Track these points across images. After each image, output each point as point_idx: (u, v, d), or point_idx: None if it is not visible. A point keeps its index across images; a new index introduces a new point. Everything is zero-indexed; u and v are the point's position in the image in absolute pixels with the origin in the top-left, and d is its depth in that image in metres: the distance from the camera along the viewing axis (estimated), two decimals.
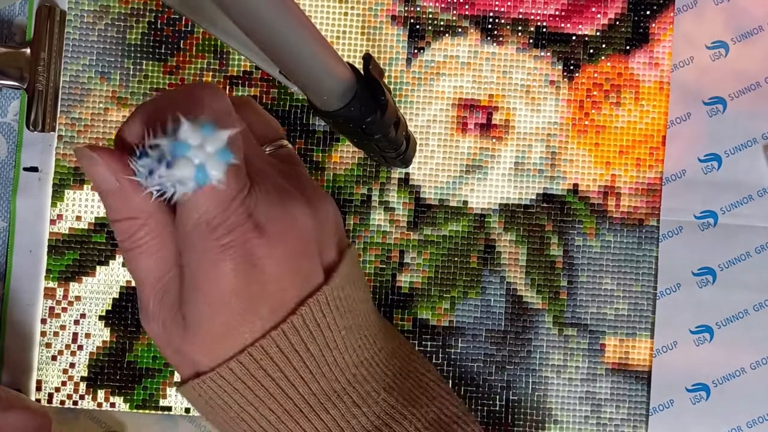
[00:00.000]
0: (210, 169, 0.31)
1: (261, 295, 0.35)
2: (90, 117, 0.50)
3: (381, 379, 0.39)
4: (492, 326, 0.49)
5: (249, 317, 0.35)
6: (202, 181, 0.31)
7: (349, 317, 0.38)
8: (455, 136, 0.50)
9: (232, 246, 0.34)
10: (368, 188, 0.50)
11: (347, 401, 0.38)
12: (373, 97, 0.39)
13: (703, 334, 0.49)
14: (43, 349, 0.49)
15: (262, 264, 0.35)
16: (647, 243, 0.49)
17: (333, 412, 0.37)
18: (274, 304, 0.36)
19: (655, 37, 0.50)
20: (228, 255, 0.34)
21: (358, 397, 0.38)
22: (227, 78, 0.50)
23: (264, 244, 0.34)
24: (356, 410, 0.38)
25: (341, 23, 0.50)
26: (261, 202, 0.35)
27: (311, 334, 0.36)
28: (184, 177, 0.30)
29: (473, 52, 0.50)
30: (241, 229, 0.34)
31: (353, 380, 0.38)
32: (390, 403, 0.38)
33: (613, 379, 0.49)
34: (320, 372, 0.37)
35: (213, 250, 0.34)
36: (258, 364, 0.36)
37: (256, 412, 0.37)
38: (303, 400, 0.37)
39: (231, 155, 0.31)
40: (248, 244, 0.34)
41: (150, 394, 0.49)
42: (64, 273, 0.49)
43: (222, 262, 0.34)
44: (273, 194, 0.36)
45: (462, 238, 0.49)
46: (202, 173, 0.31)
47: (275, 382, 0.36)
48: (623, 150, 0.50)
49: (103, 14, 0.50)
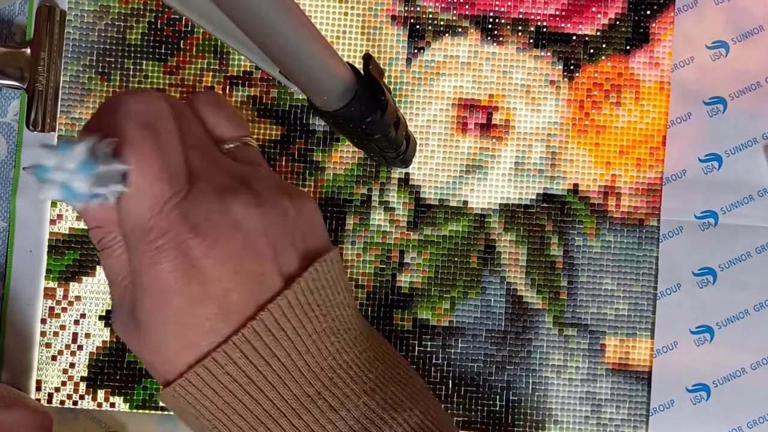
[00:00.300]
0: (76, 184, 0.32)
1: (203, 295, 0.35)
2: (90, 117, 0.49)
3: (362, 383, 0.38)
4: (492, 326, 0.49)
5: (195, 318, 0.35)
6: (72, 198, 0.32)
7: (323, 321, 0.38)
8: (455, 136, 0.50)
9: (166, 248, 0.35)
10: (368, 188, 0.50)
11: (322, 405, 0.37)
12: (373, 97, 0.39)
13: (703, 335, 0.49)
14: (42, 349, 0.49)
15: (201, 264, 0.35)
16: (647, 243, 0.49)
17: (306, 417, 0.37)
18: (220, 305, 0.36)
19: (656, 37, 0.50)
20: (163, 257, 0.35)
21: (336, 401, 0.37)
22: (227, 78, 0.50)
23: (200, 245, 0.35)
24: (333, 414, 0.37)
25: (341, 23, 0.50)
26: (199, 204, 0.35)
27: (275, 338, 0.36)
28: (56, 196, 0.32)
29: (473, 52, 0.50)
30: (175, 231, 0.35)
31: (330, 384, 0.37)
32: (371, 407, 0.38)
33: (614, 380, 0.49)
34: (290, 376, 0.37)
35: (149, 252, 0.35)
36: (223, 369, 0.36)
37: (227, 419, 0.37)
38: (272, 405, 0.36)
39: (95, 166, 0.32)
40: (184, 245, 0.35)
41: (150, 394, 0.49)
42: (64, 273, 0.49)
43: (158, 263, 0.35)
44: (213, 195, 0.36)
45: (462, 238, 0.49)
46: (68, 191, 0.32)
47: (242, 387, 0.36)
48: (623, 150, 0.50)
49: (103, 14, 0.50)
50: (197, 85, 0.50)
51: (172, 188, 0.35)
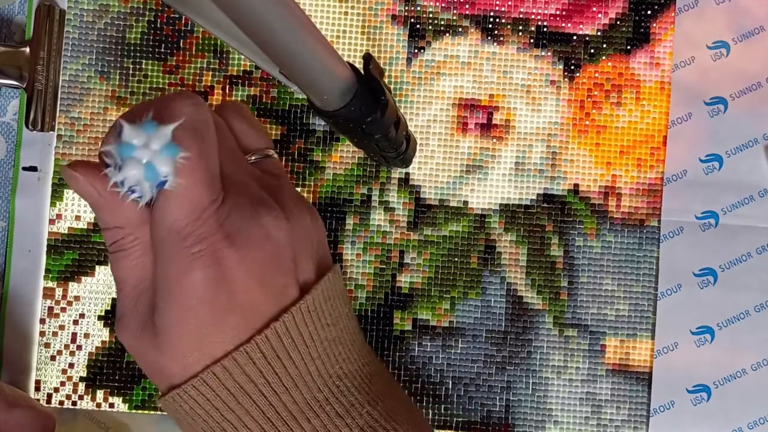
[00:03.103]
0: (159, 166, 0.31)
1: (229, 305, 0.35)
2: (89, 116, 0.49)
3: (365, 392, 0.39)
4: (492, 327, 0.49)
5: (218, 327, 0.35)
6: (152, 179, 0.32)
7: (333, 330, 0.38)
8: (455, 136, 0.50)
9: (202, 255, 0.34)
10: (368, 188, 0.49)
11: (330, 412, 0.37)
12: (373, 96, 0.39)
13: (704, 335, 0.49)
14: (42, 349, 0.49)
15: (232, 274, 0.35)
16: (648, 243, 0.49)
17: (315, 422, 0.37)
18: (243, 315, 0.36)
19: (656, 37, 0.50)
20: (198, 264, 0.34)
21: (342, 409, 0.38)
22: (227, 77, 0.50)
23: (233, 255, 0.35)
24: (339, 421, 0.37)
25: (341, 23, 0.50)
26: (234, 213, 0.35)
27: (293, 341, 0.36)
28: (135, 177, 0.31)
29: (474, 52, 0.50)
30: (211, 239, 0.34)
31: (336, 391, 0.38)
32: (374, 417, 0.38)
33: (614, 380, 0.49)
34: (303, 381, 0.37)
35: (183, 258, 0.34)
36: (242, 369, 0.36)
37: (237, 420, 0.37)
38: (285, 408, 0.37)
39: (178, 150, 0.32)
40: (218, 253, 0.35)
41: (149, 394, 0.49)
42: (63, 273, 0.49)
43: (192, 270, 0.34)
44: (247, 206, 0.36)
45: (462, 239, 0.49)
46: (150, 171, 0.31)
47: (258, 387, 0.36)
48: (624, 150, 0.50)
49: (102, 13, 0.50)
50: (197, 85, 0.50)
51: (211, 195, 0.34)
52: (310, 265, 0.38)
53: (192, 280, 0.35)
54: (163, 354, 0.36)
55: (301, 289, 0.37)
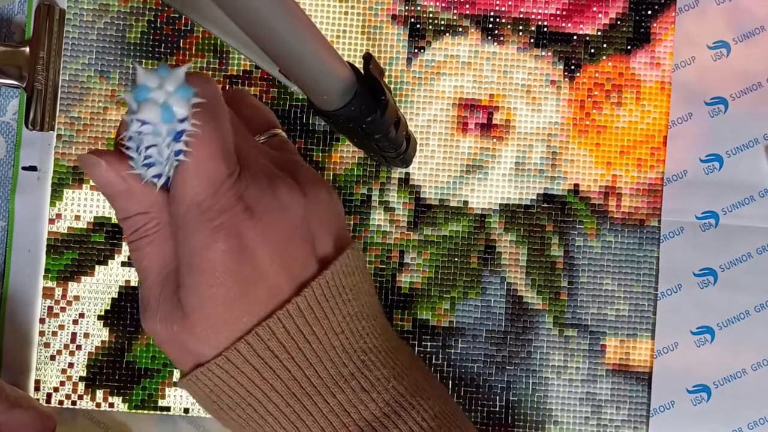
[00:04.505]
0: (175, 107, 0.32)
1: (254, 277, 0.35)
2: (89, 116, 0.49)
3: (390, 367, 0.39)
4: (492, 327, 0.49)
5: (246, 300, 0.36)
6: (168, 120, 0.32)
7: (355, 305, 0.39)
8: (456, 136, 0.50)
9: (224, 227, 0.35)
10: (368, 188, 0.49)
11: (355, 386, 0.38)
12: (374, 96, 0.39)
13: (704, 335, 0.49)
14: (41, 349, 0.49)
15: (254, 245, 0.35)
16: (648, 243, 0.49)
17: (340, 397, 0.37)
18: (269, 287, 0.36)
19: (657, 37, 0.50)
20: (220, 236, 0.35)
21: (367, 383, 0.38)
22: (227, 77, 0.50)
23: (254, 227, 0.35)
24: (364, 396, 0.38)
25: (341, 22, 0.50)
26: (251, 186, 0.35)
27: (315, 317, 0.37)
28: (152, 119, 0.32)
29: (474, 52, 0.50)
30: (232, 211, 0.35)
31: (362, 366, 0.38)
32: (399, 392, 0.38)
33: (614, 380, 0.49)
34: (327, 356, 0.37)
35: (205, 231, 0.35)
36: (265, 345, 0.36)
37: (262, 395, 0.37)
38: (309, 382, 0.37)
39: (192, 91, 0.32)
40: (239, 225, 0.35)
41: (149, 394, 0.49)
42: (62, 272, 0.49)
43: (214, 243, 0.35)
44: (263, 179, 0.36)
45: (462, 239, 0.49)
46: (167, 112, 0.32)
47: (282, 362, 0.37)
48: (624, 150, 0.50)
49: (102, 13, 0.50)
50: None
51: (228, 168, 0.35)
52: (329, 240, 0.38)
53: (215, 252, 0.35)
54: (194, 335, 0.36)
55: (320, 263, 0.38)
